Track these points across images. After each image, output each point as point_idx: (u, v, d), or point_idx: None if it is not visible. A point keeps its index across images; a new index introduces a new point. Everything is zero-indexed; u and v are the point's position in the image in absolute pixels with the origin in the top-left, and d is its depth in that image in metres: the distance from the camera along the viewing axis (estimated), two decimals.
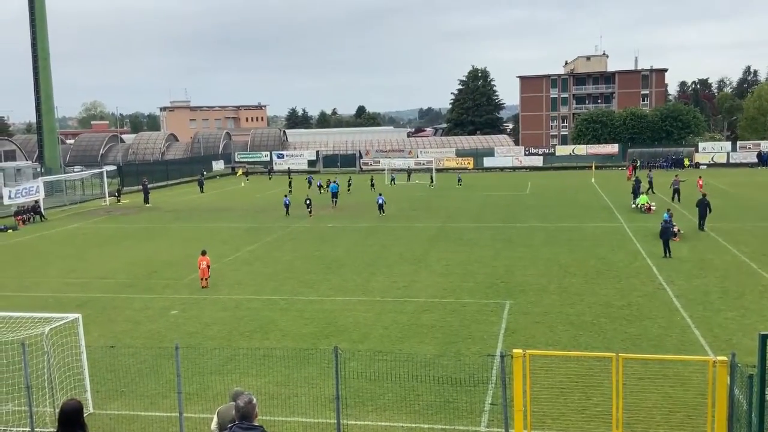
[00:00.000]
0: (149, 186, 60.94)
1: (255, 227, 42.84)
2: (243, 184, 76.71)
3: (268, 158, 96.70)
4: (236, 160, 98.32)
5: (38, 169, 68.37)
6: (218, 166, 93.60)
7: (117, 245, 37.84)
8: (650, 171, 61.56)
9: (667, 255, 30.01)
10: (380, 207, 46.56)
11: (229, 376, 17.09)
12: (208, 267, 26.91)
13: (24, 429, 14.03)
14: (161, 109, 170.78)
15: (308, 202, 49.06)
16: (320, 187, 63.76)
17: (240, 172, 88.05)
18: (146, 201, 58.05)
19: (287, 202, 48.39)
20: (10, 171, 68.17)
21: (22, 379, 14.20)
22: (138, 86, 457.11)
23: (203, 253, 27.17)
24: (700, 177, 56.80)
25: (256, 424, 6.80)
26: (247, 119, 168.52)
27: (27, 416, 13.94)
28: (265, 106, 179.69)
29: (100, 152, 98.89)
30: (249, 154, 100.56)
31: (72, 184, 65.68)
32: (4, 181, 62.14)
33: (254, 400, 6.85)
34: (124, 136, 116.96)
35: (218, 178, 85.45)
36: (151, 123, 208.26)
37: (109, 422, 14.83)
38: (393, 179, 72.43)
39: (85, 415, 14.88)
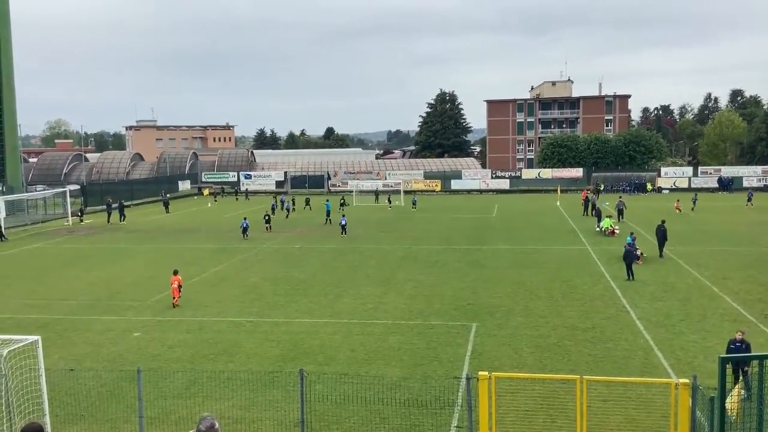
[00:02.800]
0: (114, 205, 60.14)
1: (221, 248, 42.44)
2: (209, 205, 76.08)
3: (235, 179, 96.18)
4: (203, 180, 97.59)
5: None
6: (185, 186, 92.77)
7: (79, 266, 37.17)
8: (596, 195, 63.45)
9: (630, 278, 30.41)
10: (343, 228, 46.51)
11: (192, 399, 16.81)
12: (180, 287, 26.74)
13: None
14: (127, 128, 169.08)
15: (267, 218, 49.50)
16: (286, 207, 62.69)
17: (206, 192, 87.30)
18: (121, 219, 58.98)
19: (245, 225, 46.83)
20: None
21: None
22: (104, 105, 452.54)
23: (175, 272, 27.01)
24: (677, 200, 61.57)
25: None
26: (214, 139, 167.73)
27: None
28: (233, 127, 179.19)
29: (64, 171, 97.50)
30: (216, 174, 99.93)
31: (34, 204, 64.52)
32: None
33: (217, 425, 6.76)
34: (88, 155, 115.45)
35: (194, 198, 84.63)
36: (117, 142, 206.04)
37: None
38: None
39: None
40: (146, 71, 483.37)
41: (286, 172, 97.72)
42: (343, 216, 48.73)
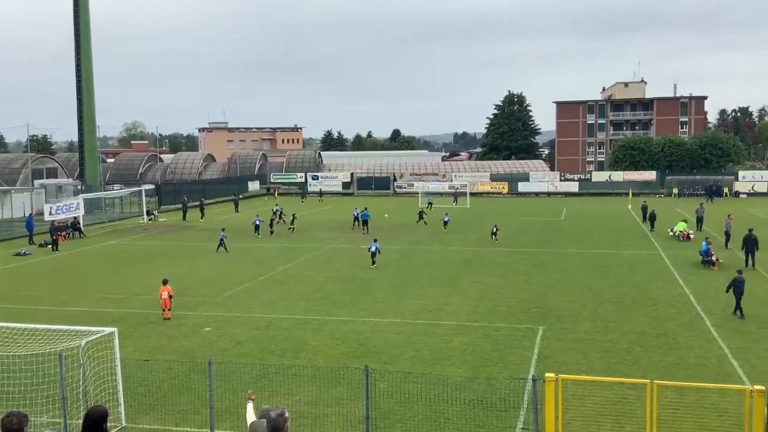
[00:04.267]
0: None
1: (289, 247, 43.12)
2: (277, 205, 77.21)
3: (303, 179, 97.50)
4: (272, 180, 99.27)
5: (79, 187, 69.94)
6: (254, 186, 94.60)
7: (153, 262, 38.38)
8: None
9: (739, 315, 24.35)
10: (372, 255, 35.88)
11: (259, 393, 17.09)
12: (170, 297, 25.17)
13: None
14: (200, 130, 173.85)
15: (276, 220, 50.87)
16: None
17: (276, 193, 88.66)
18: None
19: (357, 215, 52.27)
20: (51, 188, 69.90)
21: (58, 390, 14.45)
22: (178, 107, 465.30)
23: (164, 282, 25.45)
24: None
25: None
26: (283, 141, 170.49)
27: (61, 427, 14.15)
28: (301, 129, 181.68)
29: (140, 171, 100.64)
30: (284, 175, 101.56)
31: (111, 202, 67.00)
32: (45, 198, 63.71)
33: (286, 413, 6.88)
34: (163, 156, 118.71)
35: (264, 199, 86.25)
36: (190, 143, 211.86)
37: None
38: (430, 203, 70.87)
39: (117, 429, 15.05)
40: (218, 75, 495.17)
41: (352, 174, 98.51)
42: (375, 241, 37.44)
